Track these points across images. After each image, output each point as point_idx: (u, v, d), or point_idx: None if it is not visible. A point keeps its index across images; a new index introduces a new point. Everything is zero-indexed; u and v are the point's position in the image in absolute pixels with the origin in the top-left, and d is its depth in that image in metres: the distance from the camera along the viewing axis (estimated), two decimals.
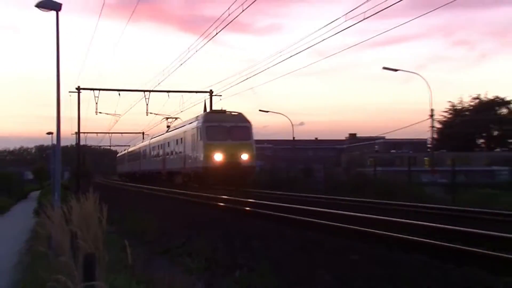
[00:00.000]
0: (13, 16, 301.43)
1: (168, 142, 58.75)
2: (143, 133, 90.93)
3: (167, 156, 59.01)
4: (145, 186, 55.48)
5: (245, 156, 42.86)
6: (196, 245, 12.46)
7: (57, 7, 22.16)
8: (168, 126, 67.96)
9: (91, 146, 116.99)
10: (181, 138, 51.75)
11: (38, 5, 21.83)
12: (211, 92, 58.07)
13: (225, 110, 46.91)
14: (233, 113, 46.40)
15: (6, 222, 28.07)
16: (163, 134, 65.14)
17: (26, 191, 63.10)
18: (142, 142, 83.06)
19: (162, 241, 14.15)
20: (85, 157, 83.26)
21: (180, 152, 51.91)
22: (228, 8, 28.94)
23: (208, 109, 57.21)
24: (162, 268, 10.49)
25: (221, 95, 56.28)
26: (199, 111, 56.09)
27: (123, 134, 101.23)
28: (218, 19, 31.60)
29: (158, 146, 65.53)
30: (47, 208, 13.18)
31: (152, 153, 70.38)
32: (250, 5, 25.96)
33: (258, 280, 8.68)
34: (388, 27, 70.34)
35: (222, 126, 43.88)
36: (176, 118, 66.67)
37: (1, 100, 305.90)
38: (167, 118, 69.19)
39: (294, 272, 9.33)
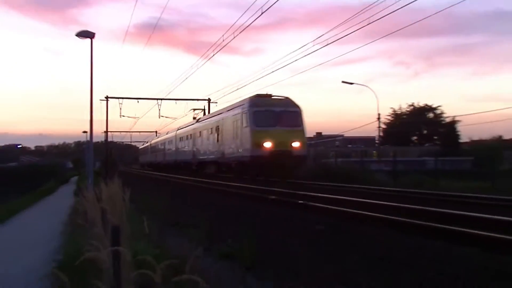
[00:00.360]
0: (59, 43, 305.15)
1: (200, 132, 45.65)
2: (156, 132, 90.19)
3: (199, 146, 46.20)
4: (175, 175, 45.18)
5: (296, 144, 31.29)
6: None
7: (91, 36, 22.59)
8: (194, 118, 56.44)
9: (116, 142, 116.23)
10: (217, 127, 39.09)
11: (77, 34, 22.28)
12: (209, 100, 58.10)
13: (270, 94, 34.51)
14: (280, 97, 34.40)
15: (54, 200, 27.95)
16: (192, 124, 51.70)
17: (67, 177, 62.91)
18: (167, 134, 67.78)
19: (172, 216, 14.14)
20: (111, 151, 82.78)
21: (216, 142, 39.25)
22: (222, 36, 29.40)
23: (207, 113, 54.49)
24: (172, 237, 10.52)
25: (216, 102, 56.03)
26: (200, 115, 55.81)
27: (140, 132, 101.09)
28: (214, 43, 32.03)
29: (187, 136, 51.80)
30: (83, 190, 13.19)
31: (179, 144, 56.14)
32: (239, 33, 26.33)
33: (244, 244, 8.69)
34: (346, 51, 70.56)
35: (271, 111, 32.04)
36: (203, 110, 57.79)
37: (49, 106, 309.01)
38: (194, 110, 58.64)
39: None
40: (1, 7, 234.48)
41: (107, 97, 57.98)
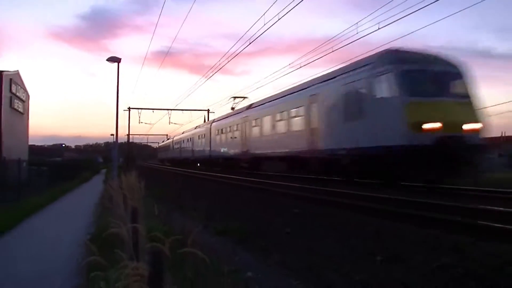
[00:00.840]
0: (94, 66, 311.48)
1: (256, 120, 28.11)
2: (166, 135, 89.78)
3: (255, 138, 28.25)
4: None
5: (474, 125, 14.87)
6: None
7: (118, 60, 22.59)
8: (232, 108, 40.04)
9: (136, 143, 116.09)
10: (300, 107, 21.71)
11: (107, 60, 22.27)
12: (208, 110, 58.13)
13: (409, 49, 16.46)
14: (430, 53, 16.59)
15: (89, 187, 27.76)
16: (239, 113, 33.11)
17: (99, 169, 62.79)
18: (195, 129, 50.11)
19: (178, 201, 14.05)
20: (132, 149, 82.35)
21: (298, 129, 21.85)
22: (219, 60, 29.28)
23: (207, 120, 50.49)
24: (177, 217, 10.46)
25: (214, 112, 55.00)
26: (201, 121, 54.84)
27: (155, 135, 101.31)
28: (213, 66, 31.94)
29: (231, 128, 33.63)
30: (110, 180, 13.15)
31: (217, 137, 37.93)
32: (232, 58, 26.23)
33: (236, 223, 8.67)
34: (314, 73, 71.16)
35: (429, 71, 15.39)
36: (244, 98, 39.62)
37: (86, 114, 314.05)
38: (234, 98, 40.80)
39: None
40: (57, 41, 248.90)
41: (129, 108, 58.69)
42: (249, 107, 31.51)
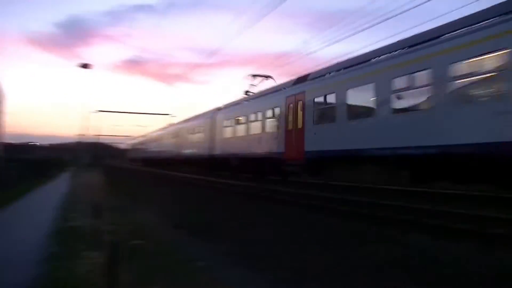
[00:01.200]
0: (67, 72, 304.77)
1: (324, 97, 14.61)
2: (130, 136, 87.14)
3: (326, 126, 13.92)
4: None
5: None
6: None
7: (89, 67, 22.18)
8: (247, 93, 24.17)
9: (104, 143, 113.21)
10: (459, 63, 8.55)
11: (79, 66, 21.98)
12: (170, 114, 57.37)
13: None
14: None
15: (57, 183, 26.68)
16: (268, 94, 19.68)
17: (68, 166, 61.26)
18: (184, 123, 35.30)
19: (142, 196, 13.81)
20: (99, 149, 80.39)
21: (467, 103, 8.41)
22: (182, 70, 28.77)
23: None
24: (139, 212, 10.28)
25: (175, 116, 53.06)
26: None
27: (121, 136, 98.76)
28: (177, 75, 31.51)
29: (254, 116, 20.13)
30: (77, 177, 12.75)
31: (228, 130, 23.32)
32: (194, 68, 26.08)
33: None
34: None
35: None
36: (268, 77, 24.03)
37: (59, 116, 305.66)
38: (254, 76, 24.26)
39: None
40: (33, 46, 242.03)
41: (98, 111, 58.13)
42: (299, 80, 17.13)
